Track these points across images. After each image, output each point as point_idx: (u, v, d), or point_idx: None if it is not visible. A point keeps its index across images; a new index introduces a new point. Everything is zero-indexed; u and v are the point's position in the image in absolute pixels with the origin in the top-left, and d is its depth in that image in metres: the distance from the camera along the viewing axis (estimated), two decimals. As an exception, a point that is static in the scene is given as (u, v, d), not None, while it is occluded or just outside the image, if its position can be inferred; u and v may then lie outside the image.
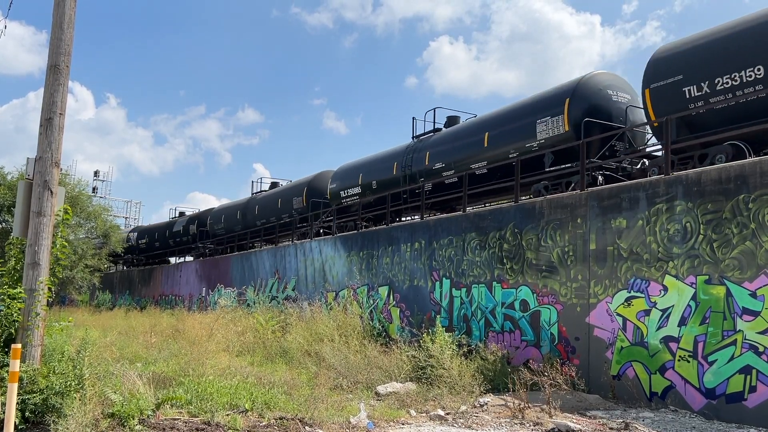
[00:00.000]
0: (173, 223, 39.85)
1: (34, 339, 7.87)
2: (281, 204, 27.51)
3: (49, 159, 8.22)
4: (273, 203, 28.40)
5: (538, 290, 13.07)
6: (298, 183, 27.22)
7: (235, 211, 32.00)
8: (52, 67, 8.32)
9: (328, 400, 9.78)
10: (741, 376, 9.47)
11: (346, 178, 23.16)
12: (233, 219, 31.94)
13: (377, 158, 22.14)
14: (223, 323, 17.60)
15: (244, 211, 30.89)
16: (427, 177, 18.94)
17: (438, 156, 18.79)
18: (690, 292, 10.30)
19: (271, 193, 29.76)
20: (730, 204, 9.94)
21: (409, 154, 20.13)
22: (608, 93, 14.68)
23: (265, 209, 28.87)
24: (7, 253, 8.59)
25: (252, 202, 30.62)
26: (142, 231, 43.73)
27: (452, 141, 18.56)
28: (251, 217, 29.96)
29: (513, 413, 9.49)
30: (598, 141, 14.14)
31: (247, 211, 30.53)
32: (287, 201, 27.05)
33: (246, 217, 30.53)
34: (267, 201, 29.23)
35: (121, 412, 7.78)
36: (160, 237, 40.24)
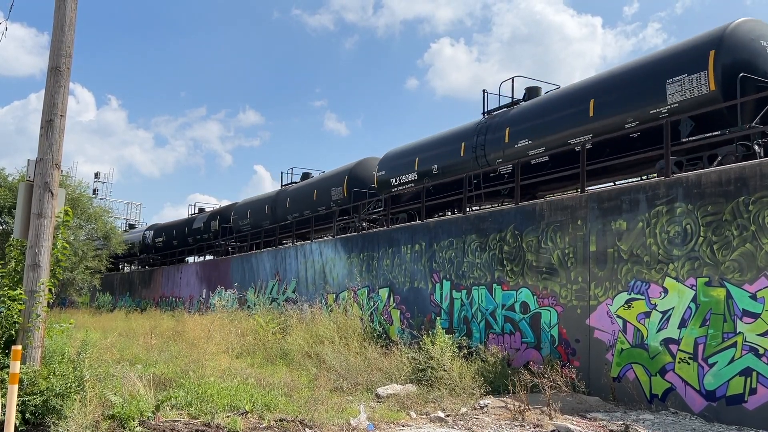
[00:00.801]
0: (192, 220, 37.49)
1: (35, 340, 7.88)
2: (317, 195, 24.89)
3: (50, 161, 8.23)
4: (307, 195, 25.80)
5: (538, 292, 13.07)
6: (338, 172, 24.55)
7: (262, 205, 29.42)
8: (53, 68, 8.34)
9: (329, 402, 9.78)
10: (741, 378, 9.47)
11: (397, 165, 20.43)
12: (260, 213, 29.33)
13: (438, 140, 19.30)
14: (221, 324, 17.62)
15: (273, 204, 28.34)
16: (506, 158, 16.12)
17: (522, 132, 15.77)
18: (690, 294, 10.30)
19: (304, 184, 27.10)
20: (730, 206, 9.94)
21: (481, 132, 17.16)
22: (762, 44, 11.98)
23: (298, 202, 26.37)
24: (8, 255, 8.60)
25: (282, 195, 28.09)
26: (159, 229, 41.44)
27: (542, 114, 15.45)
28: (281, 211, 27.46)
29: (513, 415, 9.49)
30: (753, 103, 11.48)
31: (277, 204, 28.05)
32: (324, 192, 24.52)
33: (275, 211, 28.01)
34: (300, 193, 26.66)
35: (121, 414, 7.78)
36: (179, 235, 38.06)
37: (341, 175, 23.84)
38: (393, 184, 20.48)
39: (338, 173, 24.28)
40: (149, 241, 41.11)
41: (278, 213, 27.78)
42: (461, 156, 17.75)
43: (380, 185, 21.14)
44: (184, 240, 37.28)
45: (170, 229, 39.62)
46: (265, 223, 28.71)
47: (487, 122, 17.43)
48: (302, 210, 25.78)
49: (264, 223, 28.70)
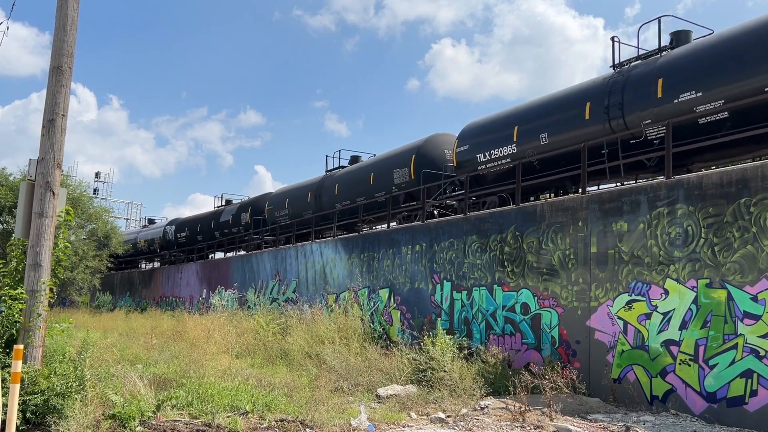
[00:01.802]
0: (219, 213, 34.09)
1: (36, 340, 7.88)
2: (375, 179, 21.43)
3: (51, 160, 8.24)
4: (361, 179, 22.33)
5: (539, 293, 13.07)
6: (402, 151, 21.05)
7: (303, 193, 26.16)
8: (54, 68, 8.35)
9: (329, 403, 9.78)
10: (742, 380, 9.47)
11: (486, 138, 16.74)
12: (301, 202, 26.00)
13: (547, 104, 15.46)
14: (220, 324, 17.62)
15: (317, 191, 25.04)
16: (657, 117, 12.44)
17: (686, 82, 12.10)
18: (691, 295, 10.29)
19: (357, 167, 23.63)
20: (731, 208, 9.94)
21: (617, 89, 13.45)
22: None
23: (350, 187, 22.92)
24: (9, 254, 8.61)
25: (328, 181, 24.68)
26: (182, 223, 38.22)
27: (713, 55, 11.88)
28: (327, 199, 24.08)
29: (514, 416, 9.48)
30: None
31: (322, 191, 24.71)
32: (385, 174, 21.06)
33: (320, 199, 24.73)
34: (352, 177, 23.24)
35: (121, 414, 7.78)
36: (204, 229, 34.84)
37: (407, 155, 20.28)
38: (480, 161, 16.71)
39: (402, 152, 20.80)
40: (171, 237, 38.29)
41: (323, 201, 24.42)
42: (586, 120, 13.99)
43: (461, 164, 17.50)
44: (210, 234, 34.20)
45: (194, 223, 36.49)
46: (306, 213, 25.27)
47: (623, 76, 13.65)
48: (355, 196, 22.28)
49: (305, 213, 25.26)
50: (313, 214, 24.56)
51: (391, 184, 20.56)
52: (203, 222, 35.43)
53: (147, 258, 43.09)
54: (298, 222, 25.49)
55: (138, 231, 44.82)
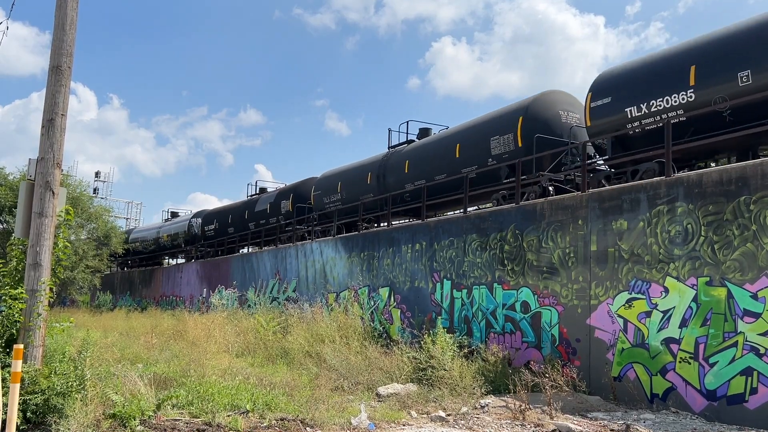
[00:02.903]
0: (254, 202, 30.83)
1: (36, 339, 7.88)
2: (464, 151, 17.49)
3: (51, 160, 8.23)
4: (442, 152, 18.53)
5: (539, 292, 13.08)
6: (503, 114, 16.75)
7: (361, 174, 22.40)
8: (54, 68, 8.34)
9: (329, 401, 9.79)
10: (742, 378, 9.47)
11: (639, 86, 12.98)
12: (359, 185, 22.34)
13: (752, 28, 11.47)
14: (220, 323, 17.63)
15: (380, 171, 21.25)
16: None
17: None
18: (691, 293, 10.30)
19: (436, 139, 19.68)
20: (731, 206, 9.94)
21: None
22: None
23: (426, 163, 19.14)
24: (9, 254, 8.61)
25: (395, 158, 20.92)
26: (209, 216, 35.14)
27: None
28: (395, 178, 20.45)
29: (514, 415, 9.49)
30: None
31: (387, 170, 20.94)
32: (477, 144, 16.96)
33: (384, 180, 20.96)
34: (429, 151, 19.40)
35: (122, 413, 7.79)
36: (236, 220, 31.53)
37: (510, 118, 16.27)
38: (632, 116, 12.95)
39: (503, 116, 16.72)
40: (197, 230, 35.24)
41: (389, 181, 20.69)
42: None
43: (597, 124, 13.74)
44: (242, 226, 30.84)
45: (224, 215, 33.32)
46: (365, 196, 21.61)
47: None
48: (432, 174, 18.57)
49: (364, 197, 21.60)
50: (375, 197, 21.04)
51: (486, 156, 16.58)
52: (235, 212, 32.01)
53: (170, 254, 40.13)
54: (351, 208, 21.97)
55: (160, 225, 41.70)
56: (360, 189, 22.20)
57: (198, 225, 35.41)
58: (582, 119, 15.32)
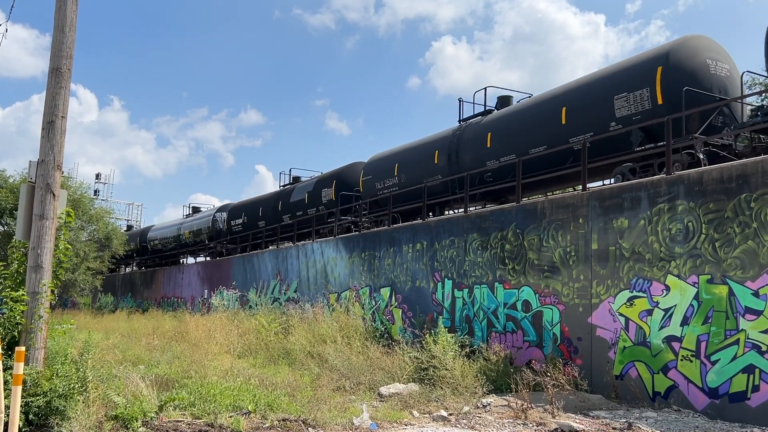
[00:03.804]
0: (288, 192, 27.94)
1: (37, 342, 7.88)
2: (573, 115, 14.35)
3: (51, 162, 8.24)
4: (539, 120, 15.31)
5: (540, 291, 13.07)
6: (629, 66, 13.62)
7: (426, 152, 19.28)
8: (53, 70, 8.34)
9: (331, 402, 9.79)
10: (744, 376, 9.47)
11: None
12: (423, 165, 19.24)
13: None
14: (221, 324, 17.63)
15: (452, 148, 18.20)
16: None
17: None
18: (692, 291, 10.29)
19: (531, 104, 16.18)
20: (732, 203, 9.93)
21: None
22: None
23: (516, 134, 15.99)
24: (10, 256, 8.61)
25: (471, 131, 17.68)
26: (236, 209, 32.37)
27: None
28: (471, 155, 17.36)
29: (516, 414, 9.49)
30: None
31: (461, 146, 17.85)
32: (594, 105, 13.86)
33: (456, 158, 17.96)
34: (519, 119, 16.13)
35: (124, 415, 7.79)
36: (268, 213, 28.79)
37: (644, 70, 13.08)
38: None
39: (633, 68, 13.42)
40: (221, 226, 32.89)
41: (464, 159, 17.69)
42: None
43: None
44: (275, 219, 28.00)
45: (253, 207, 30.60)
46: (432, 178, 18.61)
47: None
48: (526, 147, 15.40)
49: (431, 179, 18.56)
50: (444, 178, 17.98)
51: (607, 119, 13.48)
52: (266, 204, 29.29)
53: (193, 251, 37.41)
54: (412, 193, 18.95)
55: (181, 221, 38.96)
56: (424, 170, 18.96)
57: (223, 220, 32.89)
58: (732, 72, 13.03)
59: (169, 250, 38.96)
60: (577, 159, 13.85)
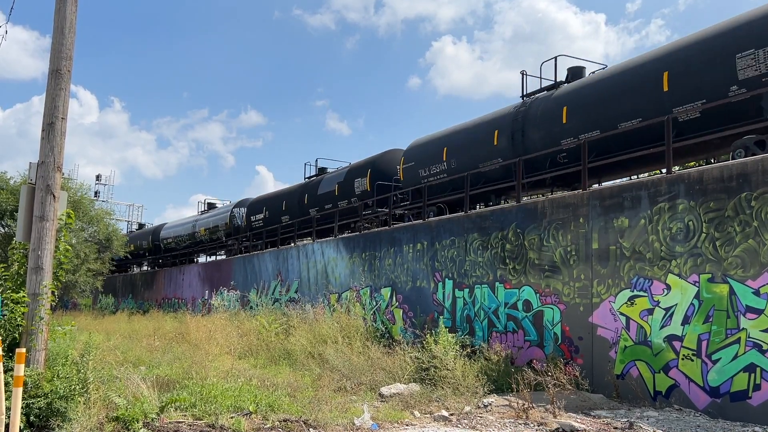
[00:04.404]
0: (315, 184, 25.71)
1: (38, 343, 7.89)
2: (677, 80, 12.21)
3: (52, 163, 8.24)
4: (640, 87, 12.91)
5: (540, 290, 13.07)
6: (757, 16, 11.24)
7: (483, 133, 16.89)
8: (53, 71, 8.35)
9: (332, 402, 9.79)
10: (745, 375, 9.46)
11: None
12: (478, 148, 16.89)
13: None
14: (222, 325, 17.63)
15: (516, 126, 15.79)
16: None
17: None
18: (693, 290, 10.29)
19: (623, 69, 13.66)
20: (732, 202, 9.93)
21: None
22: None
23: (604, 105, 13.57)
24: (10, 258, 8.62)
25: (541, 105, 15.37)
26: (256, 204, 30.29)
27: None
28: (543, 134, 14.96)
29: (517, 413, 9.48)
30: None
31: (527, 124, 15.49)
32: (711, 65, 11.64)
33: (522, 138, 15.56)
34: (609, 88, 13.62)
35: (125, 416, 7.79)
36: (292, 207, 26.81)
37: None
38: None
39: (760, 19, 11.11)
40: (240, 222, 31.18)
41: (531, 138, 15.27)
42: None
43: None
44: (300, 212, 25.96)
45: (276, 201, 28.55)
46: (491, 162, 16.24)
47: None
48: (616, 121, 13.14)
49: (490, 162, 16.24)
50: (505, 161, 15.71)
51: (725, 83, 11.31)
52: (290, 198, 27.29)
53: (209, 250, 35.20)
54: (464, 180, 16.49)
55: (196, 218, 37.06)
56: (480, 153, 16.72)
57: (241, 215, 31.14)
58: None
59: (183, 248, 37.29)
60: (682, 133, 11.95)
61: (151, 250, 41.63)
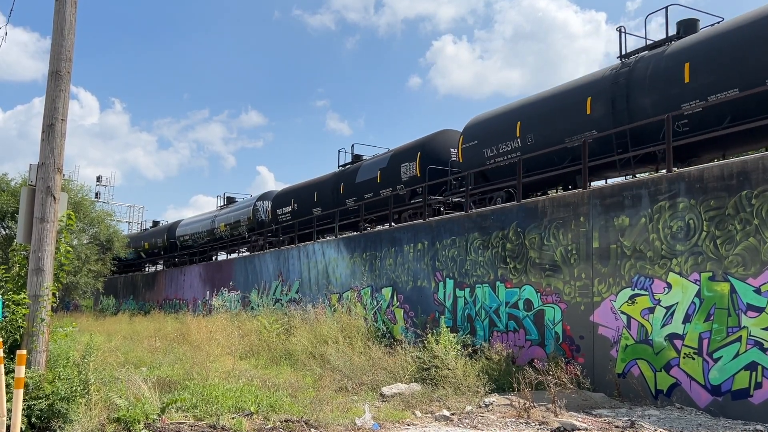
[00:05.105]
0: (352, 171, 23.26)
1: (39, 345, 7.89)
2: None
3: (52, 165, 8.24)
4: None
5: (541, 289, 13.07)
6: None
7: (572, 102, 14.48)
8: (53, 73, 8.35)
9: (333, 402, 9.79)
10: (746, 373, 9.46)
11: None
12: (564, 120, 14.57)
13: None
14: (223, 326, 17.63)
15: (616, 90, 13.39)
16: None
17: None
18: (694, 289, 10.28)
19: (762, 15, 11.26)
20: (732, 200, 9.92)
21: None
22: None
23: (735, 63, 11.39)
24: (11, 260, 8.63)
25: (651, 64, 12.90)
26: (283, 196, 27.93)
27: None
28: (657, 98, 12.60)
29: (518, 413, 9.48)
30: None
31: (633, 87, 13.08)
32: None
33: (627, 103, 13.11)
34: (744, 38, 11.35)
35: (126, 417, 7.79)
36: (324, 198, 24.40)
37: None
38: None
39: None
40: (264, 216, 29.29)
41: (639, 104, 12.87)
42: None
43: None
44: (335, 203, 23.46)
45: (306, 192, 26.09)
46: (581, 135, 13.88)
47: None
48: (765, 75, 10.82)
49: (578, 136, 13.93)
50: (599, 133, 13.30)
51: None
52: (322, 188, 24.92)
53: (230, 246, 33.06)
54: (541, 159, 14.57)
55: (214, 214, 35.05)
56: (567, 126, 14.37)
57: (266, 209, 29.30)
58: None
59: (201, 245, 35.21)
60: None
61: (166, 248, 39.91)
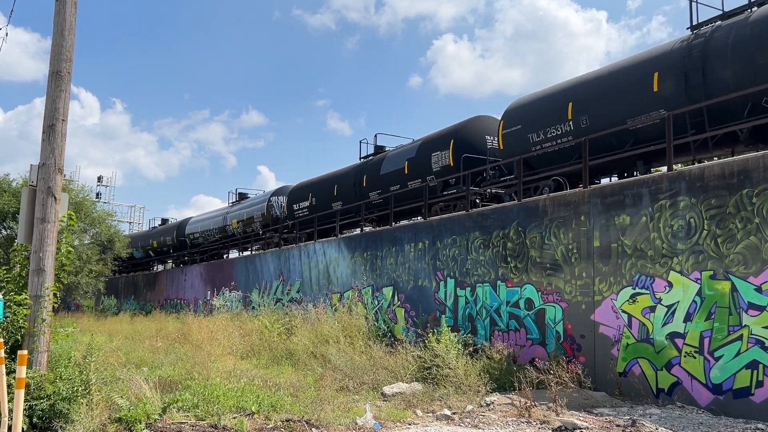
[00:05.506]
0: (376, 163, 21.92)
1: (41, 345, 7.90)
2: None
3: (52, 165, 8.25)
4: None
5: (542, 288, 13.06)
6: None
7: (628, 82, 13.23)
8: (53, 73, 8.35)
9: (334, 402, 9.79)
10: (747, 371, 9.45)
11: None
12: (617, 103, 13.41)
13: None
14: (224, 326, 17.64)
15: (688, 64, 12.19)
16: None
17: None
18: (695, 287, 10.27)
19: None
20: (733, 199, 9.91)
21: None
22: None
23: None
24: (12, 260, 8.64)
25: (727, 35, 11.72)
26: (299, 191, 26.83)
27: None
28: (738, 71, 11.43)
29: (519, 412, 9.48)
30: None
31: (712, 59, 11.85)
32: None
33: (704, 78, 11.92)
34: None
35: (128, 417, 7.80)
36: (346, 191, 23.13)
37: None
38: None
39: None
40: (279, 212, 28.32)
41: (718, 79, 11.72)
42: None
43: None
44: (357, 197, 22.30)
45: (325, 186, 24.80)
46: (646, 116, 12.75)
47: None
48: None
49: (645, 117, 12.75)
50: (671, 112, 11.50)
51: None
52: (343, 181, 23.49)
53: (243, 244, 31.78)
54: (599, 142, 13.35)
55: (226, 211, 34.12)
56: (630, 105, 13.04)
57: (280, 204, 28.29)
58: None
59: (212, 243, 34.08)
60: None
61: (175, 247, 38.85)
